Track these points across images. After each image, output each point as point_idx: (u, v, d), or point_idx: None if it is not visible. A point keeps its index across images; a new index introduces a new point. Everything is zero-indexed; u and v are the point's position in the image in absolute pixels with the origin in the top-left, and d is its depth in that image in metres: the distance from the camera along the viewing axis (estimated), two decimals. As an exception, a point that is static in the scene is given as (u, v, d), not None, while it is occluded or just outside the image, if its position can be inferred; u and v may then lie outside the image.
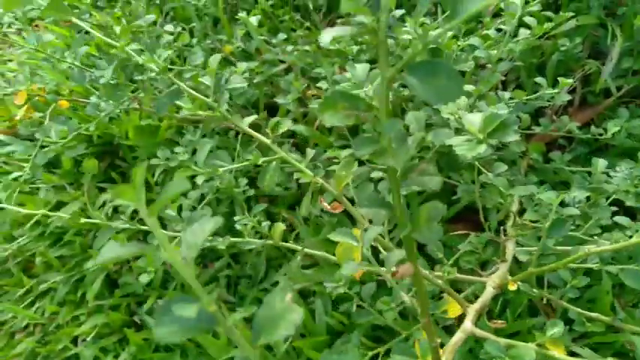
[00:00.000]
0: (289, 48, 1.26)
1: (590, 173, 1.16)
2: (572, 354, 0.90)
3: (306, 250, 1.15)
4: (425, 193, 1.18)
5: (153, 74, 0.95)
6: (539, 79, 0.98)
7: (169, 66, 1.17)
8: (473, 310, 0.65)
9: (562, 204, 0.72)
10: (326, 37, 0.30)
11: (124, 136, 1.28)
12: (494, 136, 0.50)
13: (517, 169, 1.17)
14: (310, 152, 1.01)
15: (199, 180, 1.01)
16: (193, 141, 1.14)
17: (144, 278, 0.81)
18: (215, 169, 0.83)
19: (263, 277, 1.19)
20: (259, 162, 0.79)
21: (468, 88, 0.89)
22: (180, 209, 0.98)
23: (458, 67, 0.93)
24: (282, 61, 1.41)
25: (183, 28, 1.39)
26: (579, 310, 0.73)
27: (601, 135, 1.00)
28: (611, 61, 1.05)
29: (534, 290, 0.76)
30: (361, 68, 0.73)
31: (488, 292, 0.70)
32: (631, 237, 0.67)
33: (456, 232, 0.95)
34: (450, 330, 0.97)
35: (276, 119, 1.00)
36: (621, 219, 0.65)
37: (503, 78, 1.28)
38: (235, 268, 1.20)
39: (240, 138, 1.23)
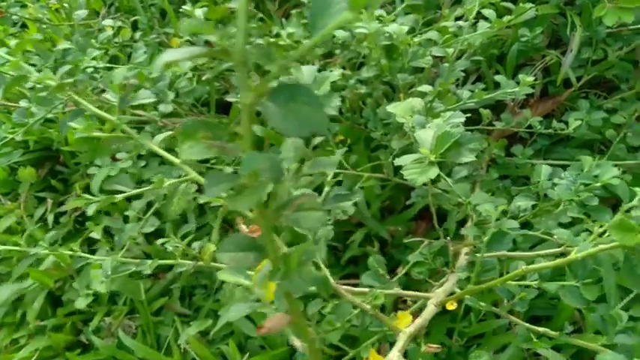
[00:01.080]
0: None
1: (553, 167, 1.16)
2: (535, 354, 0.89)
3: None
4: (385, 193, 1.15)
5: (81, 76, 0.87)
6: (498, 78, 0.95)
7: (108, 65, 1.10)
8: (405, 336, 0.62)
9: (507, 213, 0.69)
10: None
11: (63, 141, 1.20)
12: (448, 156, 0.47)
13: (478, 164, 1.15)
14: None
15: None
16: (138, 145, 1.07)
17: (81, 303, 0.75)
18: (111, 197, 0.76)
19: (219, 287, 1.13)
20: (163, 186, 0.72)
21: (425, 88, 0.85)
22: (125, 220, 0.92)
23: (415, 64, 0.90)
24: (234, 55, 1.34)
25: (126, 22, 1.31)
26: (527, 325, 0.71)
27: (562, 130, 0.99)
28: (571, 51, 1.04)
29: (481, 304, 0.74)
30: (307, 71, 0.69)
31: (428, 312, 0.67)
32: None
33: (411, 240, 0.92)
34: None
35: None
36: (561, 232, 0.63)
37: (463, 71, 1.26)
38: (189, 278, 1.14)
39: (190, 139, 1.17)
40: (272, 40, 1.11)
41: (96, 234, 0.78)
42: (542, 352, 0.85)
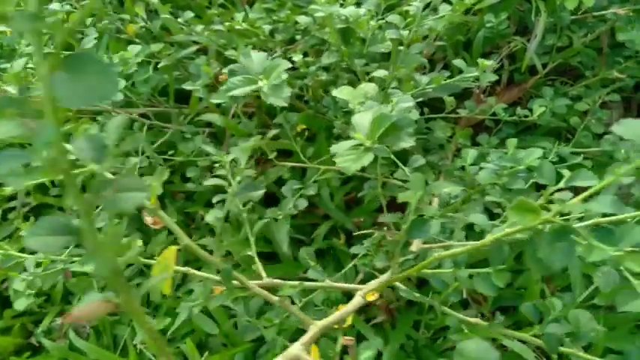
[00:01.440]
0: (199, 28, 1.15)
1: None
2: (502, 346, 0.88)
3: (226, 249, 1.07)
4: (350, 184, 1.12)
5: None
6: (458, 62, 0.93)
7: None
8: (315, 328, 0.60)
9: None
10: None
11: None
12: (386, 141, 0.45)
13: (444, 154, 1.14)
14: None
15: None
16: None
17: (20, 304, 0.70)
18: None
19: (180, 283, 1.10)
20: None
21: (380, 73, 0.82)
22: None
23: (374, 49, 0.87)
24: (195, 42, 1.29)
25: (77, 6, 1.24)
26: (459, 315, 0.70)
27: (527, 117, 0.98)
28: (535, 37, 1.03)
29: (416, 294, 0.73)
30: (257, 58, 0.65)
31: (352, 304, 0.65)
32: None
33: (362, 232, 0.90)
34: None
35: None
36: (476, 217, 0.62)
37: (429, 58, 1.24)
38: (148, 274, 1.10)
39: (146, 131, 1.12)
40: (231, 25, 1.07)
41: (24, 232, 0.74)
42: (508, 343, 0.84)
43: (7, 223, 1.08)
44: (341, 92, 0.62)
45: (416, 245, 0.71)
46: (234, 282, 0.65)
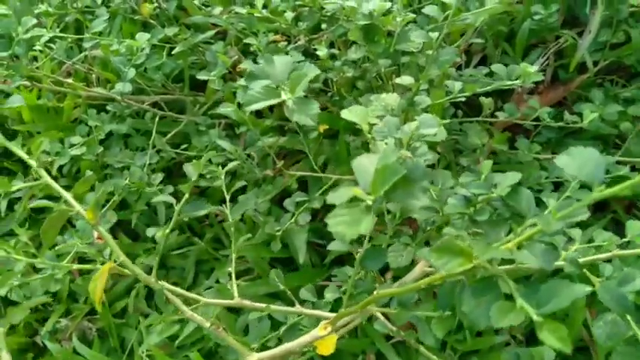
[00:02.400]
0: (217, 10, 1.07)
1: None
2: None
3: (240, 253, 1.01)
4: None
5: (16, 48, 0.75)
6: (498, 67, 0.84)
7: (61, 34, 0.97)
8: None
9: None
10: None
11: (17, 119, 1.08)
12: (393, 197, 0.37)
13: (474, 159, 1.05)
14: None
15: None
16: (99, 127, 0.96)
17: (16, 317, 0.65)
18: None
19: (191, 284, 1.05)
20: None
21: (405, 80, 0.74)
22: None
23: (403, 47, 0.78)
24: (214, 25, 1.22)
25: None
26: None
27: (575, 123, 0.88)
28: (589, 32, 0.93)
29: (393, 328, 0.67)
30: (280, 63, 0.57)
31: (306, 337, 0.59)
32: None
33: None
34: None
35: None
36: (422, 252, 0.55)
37: (465, 49, 1.14)
38: (158, 274, 1.05)
39: (157, 121, 1.06)
40: (251, 10, 0.99)
41: (21, 235, 0.69)
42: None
43: (11, 216, 1.04)
44: (351, 113, 0.54)
45: (419, 268, 0.65)
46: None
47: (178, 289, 0.72)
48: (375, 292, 0.53)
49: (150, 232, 0.81)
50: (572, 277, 0.94)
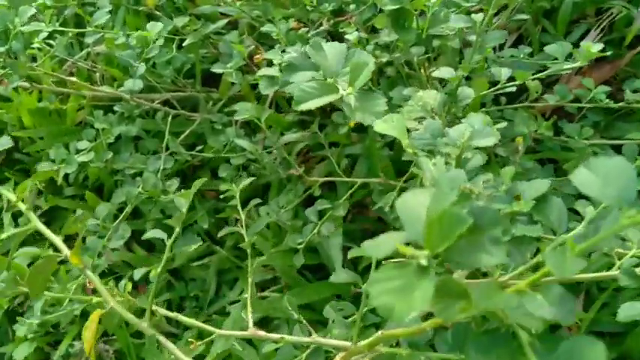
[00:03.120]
0: (230, -4, 0.99)
1: (615, 148, 0.97)
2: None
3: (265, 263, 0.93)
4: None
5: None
6: (551, 49, 0.75)
7: (62, 28, 0.89)
8: None
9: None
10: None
11: (17, 124, 1.00)
12: (452, 257, 0.29)
13: (514, 147, 0.96)
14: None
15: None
16: (106, 129, 0.87)
17: (20, 353, 0.58)
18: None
19: (213, 298, 0.97)
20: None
21: (445, 72, 0.64)
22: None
23: (436, 31, 0.69)
24: (224, 15, 1.13)
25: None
26: None
27: (638, 102, 0.79)
28: (647, 3, 0.83)
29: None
30: (332, 51, 0.49)
31: None
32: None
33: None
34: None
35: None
36: None
37: (501, 28, 1.05)
38: (177, 288, 0.97)
39: (170, 121, 0.97)
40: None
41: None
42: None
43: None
44: (386, 125, 0.44)
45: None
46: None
47: (190, 321, 0.65)
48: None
49: (153, 233, 0.70)
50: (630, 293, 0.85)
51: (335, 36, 1.01)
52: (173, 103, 1.00)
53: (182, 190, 0.90)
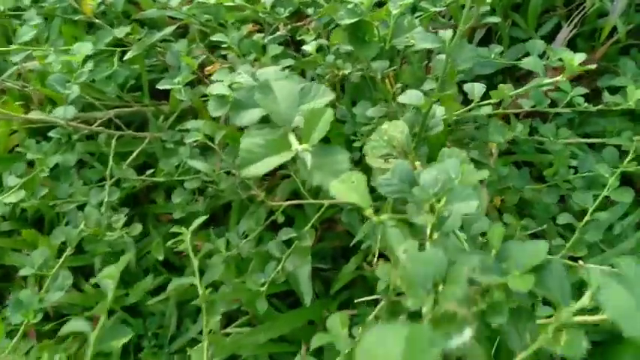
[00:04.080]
0: (175, 1, 0.90)
1: (590, 145, 0.93)
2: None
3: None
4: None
5: None
6: (531, 46, 0.70)
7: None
8: None
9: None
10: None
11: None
12: None
13: (488, 151, 0.91)
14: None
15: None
16: (40, 159, 0.78)
17: None
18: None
19: (175, 333, 0.89)
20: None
21: (413, 98, 0.58)
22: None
23: (399, 42, 0.62)
24: (172, 19, 1.04)
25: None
26: None
27: (617, 104, 0.75)
28: (622, -5, 0.78)
29: None
30: (284, 91, 0.41)
31: None
32: None
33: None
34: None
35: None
36: None
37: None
38: (134, 325, 0.89)
39: (116, 142, 0.88)
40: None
41: None
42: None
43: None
44: (344, 186, 0.36)
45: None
46: None
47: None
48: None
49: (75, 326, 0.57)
50: None
51: (294, 42, 0.94)
52: (117, 122, 0.91)
53: (133, 224, 0.82)
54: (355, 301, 0.72)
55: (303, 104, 0.41)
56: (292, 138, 0.39)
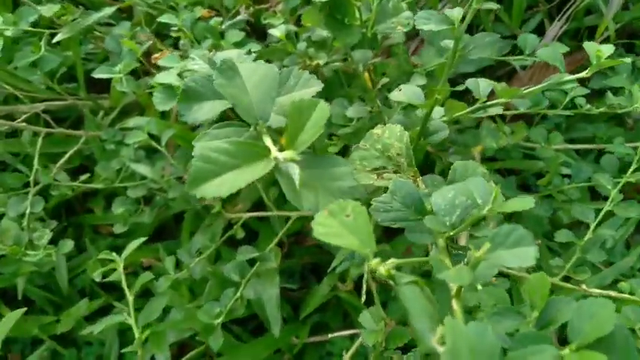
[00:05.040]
0: (117, -22, 0.77)
1: (577, 152, 0.86)
2: None
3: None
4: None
5: None
6: (522, 40, 0.62)
7: None
8: None
9: None
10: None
11: None
12: None
13: (471, 156, 0.83)
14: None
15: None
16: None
17: None
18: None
19: (116, 364, 0.76)
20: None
21: (407, 94, 0.47)
22: None
23: (385, 29, 0.53)
24: (115, 0, 0.90)
25: None
26: None
27: (622, 107, 0.67)
28: (619, -10, 0.72)
29: None
30: (256, 77, 0.30)
31: None
32: None
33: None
34: None
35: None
36: None
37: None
38: (67, 356, 0.76)
39: (44, 140, 0.74)
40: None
41: None
42: None
43: None
44: (324, 228, 0.25)
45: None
46: None
47: None
48: None
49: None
50: None
51: (257, 28, 0.82)
52: (46, 118, 0.77)
53: (62, 240, 0.68)
54: (329, 336, 0.61)
55: (280, 96, 0.30)
56: (269, 141, 0.28)
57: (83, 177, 0.73)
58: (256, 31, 0.84)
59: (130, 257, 0.79)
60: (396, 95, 0.45)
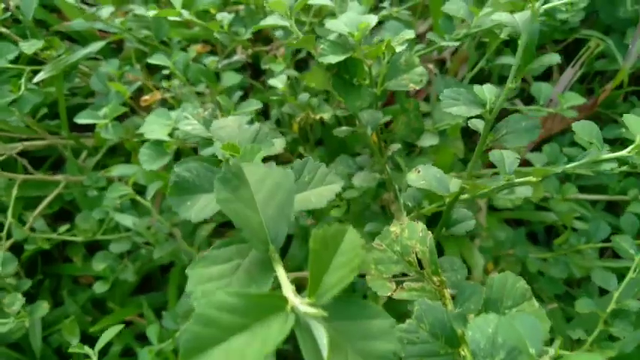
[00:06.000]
0: (106, 11, 0.72)
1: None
2: None
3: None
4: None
5: None
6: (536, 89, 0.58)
7: None
8: None
9: None
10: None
11: None
12: None
13: (475, 205, 0.79)
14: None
15: None
16: None
17: None
18: None
19: None
20: None
21: (430, 175, 0.42)
22: None
23: (396, 85, 0.48)
24: (104, 33, 0.86)
25: None
26: None
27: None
28: (638, 39, 0.68)
29: None
30: (269, 183, 0.25)
31: None
32: None
33: None
34: None
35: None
36: None
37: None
38: None
39: (20, 186, 0.69)
40: (163, 12, 0.65)
41: None
42: None
43: None
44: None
45: None
46: None
47: None
48: None
49: None
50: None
51: (255, 68, 0.78)
52: (22, 162, 0.71)
53: (36, 302, 0.62)
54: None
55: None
56: (285, 282, 0.22)
57: (62, 228, 0.67)
58: (255, 71, 0.80)
59: (113, 317, 0.73)
60: (414, 180, 0.39)
